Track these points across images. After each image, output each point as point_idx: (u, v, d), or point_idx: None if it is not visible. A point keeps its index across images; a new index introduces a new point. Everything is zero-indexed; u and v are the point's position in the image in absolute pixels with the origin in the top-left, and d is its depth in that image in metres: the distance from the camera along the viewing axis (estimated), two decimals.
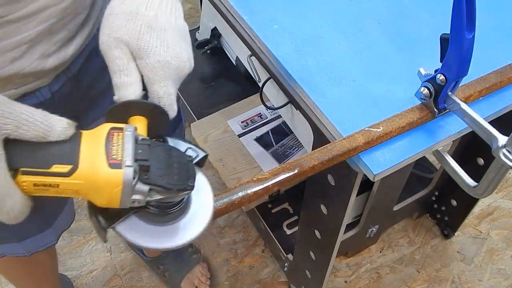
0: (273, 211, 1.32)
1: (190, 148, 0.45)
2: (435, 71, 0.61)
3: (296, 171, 0.56)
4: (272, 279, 1.38)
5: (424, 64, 0.64)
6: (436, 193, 1.38)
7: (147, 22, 0.45)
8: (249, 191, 0.52)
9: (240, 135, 1.31)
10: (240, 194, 0.52)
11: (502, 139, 0.56)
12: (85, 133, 0.40)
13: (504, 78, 0.70)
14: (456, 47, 0.56)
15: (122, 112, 0.44)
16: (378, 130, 0.62)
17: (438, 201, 1.41)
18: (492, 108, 0.70)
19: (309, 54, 0.74)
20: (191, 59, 0.48)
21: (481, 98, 0.70)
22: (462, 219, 1.37)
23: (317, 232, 0.93)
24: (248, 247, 1.44)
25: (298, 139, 1.27)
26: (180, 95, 1.43)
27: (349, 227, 1.22)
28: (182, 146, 0.45)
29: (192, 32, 1.59)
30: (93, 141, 0.39)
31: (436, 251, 1.44)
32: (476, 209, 1.51)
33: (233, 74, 1.49)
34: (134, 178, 0.38)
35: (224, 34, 1.16)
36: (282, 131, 1.33)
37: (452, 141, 1.08)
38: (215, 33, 1.44)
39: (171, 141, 0.46)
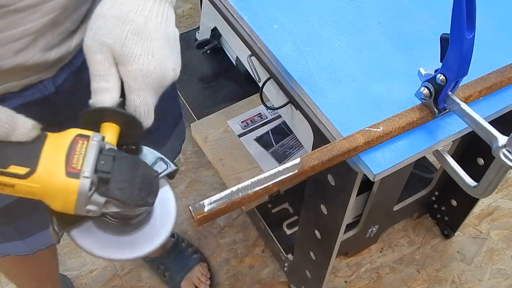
0: (273, 211, 1.32)
1: (161, 159, 0.44)
2: (435, 71, 0.61)
3: (296, 171, 0.56)
4: (272, 279, 1.38)
5: (424, 64, 0.64)
6: (436, 193, 1.38)
7: (134, 29, 0.44)
8: (249, 191, 0.52)
9: (240, 135, 1.31)
10: (240, 194, 0.52)
11: (502, 139, 0.56)
12: (50, 136, 0.39)
13: (504, 78, 0.70)
14: (456, 47, 0.56)
15: (95, 118, 0.43)
16: (378, 130, 0.62)
17: (438, 201, 1.41)
18: (492, 108, 0.70)
19: (309, 54, 0.74)
20: (178, 67, 0.47)
21: (481, 98, 0.70)
22: (462, 219, 1.37)
23: (317, 232, 0.93)
24: (248, 247, 1.44)
25: (298, 139, 1.27)
26: (179, 94, 1.43)
27: (349, 227, 1.22)
28: (153, 157, 0.44)
29: (192, 32, 1.59)
30: (56, 146, 0.39)
31: (436, 251, 1.44)
32: (476, 209, 1.51)
33: (233, 74, 1.49)
34: (90, 190, 0.38)
35: (224, 34, 1.16)
36: (282, 131, 1.32)
37: (452, 141, 1.08)
38: (215, 33, 1.44)
39: (145, 150, 0.45)
